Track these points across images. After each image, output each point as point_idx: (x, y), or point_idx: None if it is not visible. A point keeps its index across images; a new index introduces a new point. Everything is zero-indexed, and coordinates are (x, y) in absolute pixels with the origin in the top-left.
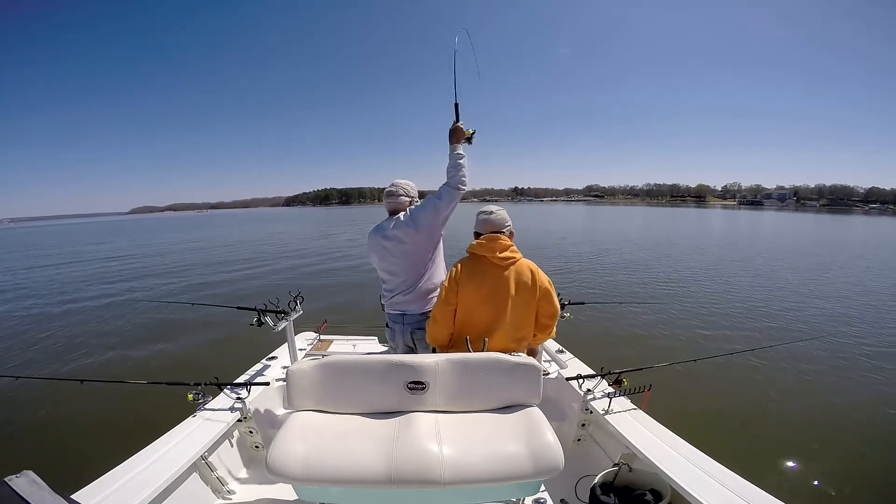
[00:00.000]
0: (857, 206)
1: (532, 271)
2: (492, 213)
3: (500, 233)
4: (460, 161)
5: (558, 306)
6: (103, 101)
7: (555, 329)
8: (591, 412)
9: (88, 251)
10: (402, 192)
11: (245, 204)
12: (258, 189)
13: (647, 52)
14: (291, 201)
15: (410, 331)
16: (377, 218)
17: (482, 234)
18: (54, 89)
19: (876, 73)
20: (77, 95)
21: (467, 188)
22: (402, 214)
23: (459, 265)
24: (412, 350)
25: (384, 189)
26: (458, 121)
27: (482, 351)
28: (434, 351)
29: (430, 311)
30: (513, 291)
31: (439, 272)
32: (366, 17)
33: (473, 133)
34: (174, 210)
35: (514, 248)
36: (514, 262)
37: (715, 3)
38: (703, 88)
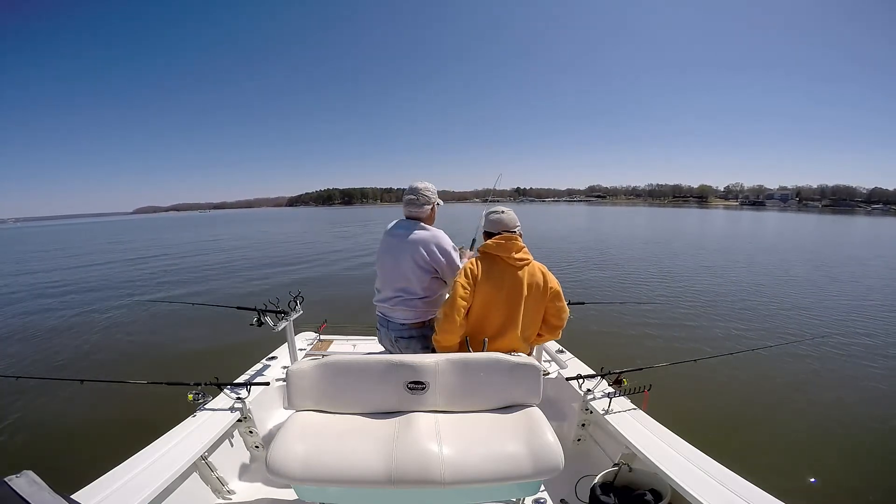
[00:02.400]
0: (860, 207)
1: (543, 273)
2: (503, 212)
3: (512, 233)
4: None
5: (567, 308)
6: (106, 102)
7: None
8: (591, 412)
9: (90, 251)
10: (423, 199)
11: (248, 204)
12: (261, 189)
13: (650, 53)
14: (294, 201)
15: (394, 338)
16: (381, 218)
17: (494, 234)
18: (57, 89)
19: (879, 73)
20: (80, 96)
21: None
22: (429, 233)
23: (477, 263)
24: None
25: (386, 189)
26: (470, 249)
27: (482, 351)
28: (433, 351)
29: (413, 323)
30: (525, 292)
31: (435, 297)
32: (367, 17)
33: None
34: (178, 210)
35: (527, 249)
36: (528, 264)
37: (717, 4)
38: (706, 89)
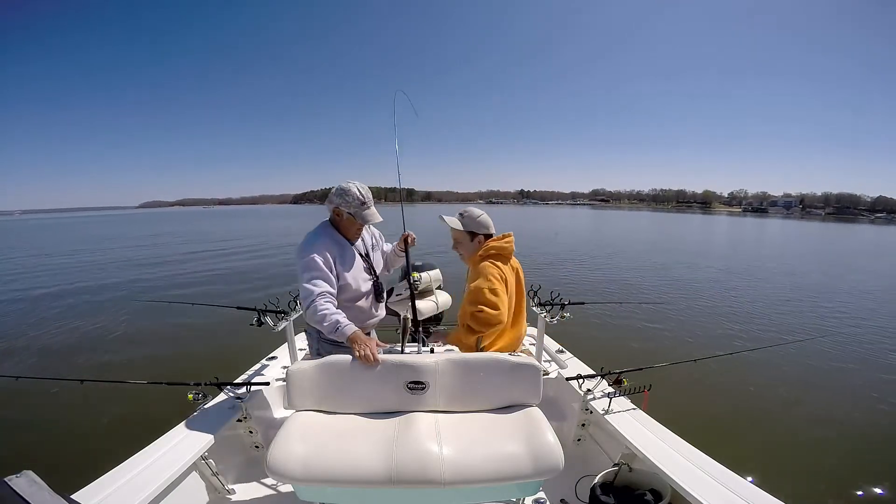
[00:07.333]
0: (864, 216)
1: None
2: (483, 213)
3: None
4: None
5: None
6: (112, 96)
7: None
8: (591, 412)
9: (90, 248)
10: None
11: (253, 201)
12: (266, 186)
13: (654, 57)
14: (299, 199)
15: None
16: (384, 217)
17: (487, 235)
18: (63, 84)
19: (884, 78)
20: (86, 91)
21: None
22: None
23: (498, 263)
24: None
25: (390, 189)
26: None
27: (479, 350)
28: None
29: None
30: (524, 290)
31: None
32: (372, 18)
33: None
34: (183, 205)
35: None
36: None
37: (721, 9)
38: (712, 94)
